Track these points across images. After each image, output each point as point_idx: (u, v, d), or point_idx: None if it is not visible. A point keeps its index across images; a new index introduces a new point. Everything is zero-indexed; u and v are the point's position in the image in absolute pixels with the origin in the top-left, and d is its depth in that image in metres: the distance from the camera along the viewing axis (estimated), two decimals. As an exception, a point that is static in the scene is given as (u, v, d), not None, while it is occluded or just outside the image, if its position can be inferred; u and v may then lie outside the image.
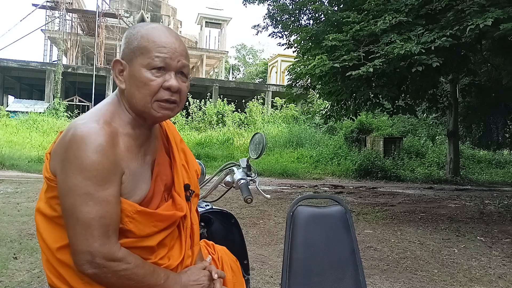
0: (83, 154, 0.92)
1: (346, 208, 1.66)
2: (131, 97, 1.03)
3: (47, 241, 1.02)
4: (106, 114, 1.02)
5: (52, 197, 1.01)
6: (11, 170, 10.27)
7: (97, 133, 0.94)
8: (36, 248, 3.59)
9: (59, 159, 0.97)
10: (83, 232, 0.92)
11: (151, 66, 1.00)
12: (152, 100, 1.02)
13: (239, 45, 50.09)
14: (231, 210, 2.15)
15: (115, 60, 1.05)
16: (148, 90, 1.01)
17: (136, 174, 1.03)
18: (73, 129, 0.96)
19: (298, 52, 9.33)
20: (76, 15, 26.12)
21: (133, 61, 1.02)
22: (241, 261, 1.56)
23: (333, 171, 13.44)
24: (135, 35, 1.03)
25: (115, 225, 0.96)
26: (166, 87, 1.01)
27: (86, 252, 0.93)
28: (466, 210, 7.06)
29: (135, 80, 1.01)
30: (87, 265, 0.93)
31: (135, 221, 1.00)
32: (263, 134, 1.63)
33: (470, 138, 16.16)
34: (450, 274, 3.54)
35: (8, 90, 26.69)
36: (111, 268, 0.94)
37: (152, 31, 1.03)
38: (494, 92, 11.58)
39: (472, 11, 5.29)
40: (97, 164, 0.92)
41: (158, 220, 1.05)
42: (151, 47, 1.01)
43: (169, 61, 1.01)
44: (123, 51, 1.05)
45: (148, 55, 1.00)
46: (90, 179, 0.92)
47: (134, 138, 1.05)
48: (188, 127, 19.60)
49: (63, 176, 0.95)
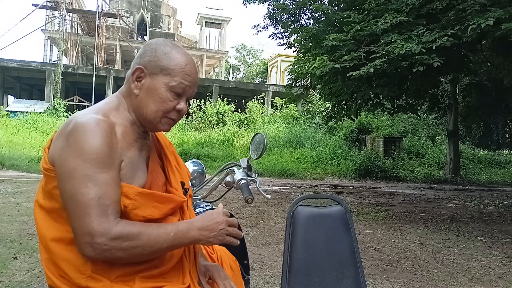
0: (83, 139, 0.95)
1: (346, 208, 1.65)
2: (143, 106, 1.09)
3: (43, 232, 1.04)
4: (105, 109, 1.07)
5: (52, 188, 1.02)
6: (11, 170, 10.27)
7: (96, 122, 0.98)
8: (36, 248, 3.59)
9: (58, 147, 0.99)
10: (82, 214, 0.93)
11: (173, 89, 1.08)
12: (163, 115, 1.10)
13: (239, 45, 50.13)
14: (231, 210, 2.15)
15: (138, 67, 1.09)
16: (164, 107, 1.09)
17: (134, 163, 1.07)
18: (74, 120, 1.00)
19: (298, 51, 9.33)
20: (76, 15, 26.13)
21: (157, 76, 1.08)
22: (241, 261, 1.56)
23: (333, 171, 13.44)
24: (166, 54, 1.09)
25: (115, 205, 0.97)
26: (178, 109, 1.11)
27: (86, 234, 0.93)
28: (466, 210, 7.06)
29: (154, 94, 1.08)
30: (88, 248, 0.93)
31: (137, 203, 1.02)
32: (263, 134, 1.63)
33: (470, 138, 16.15)
34: (450, 274, 3.54)
35: (8, 90, 26.68)
36: (113, 244, 0.94)
37: (182, 57, 1.11)
38: (494, 92, 11.58)
39: (473, 11, 5.28)
40: (97, 148, 0.95)
41: (158, 201, 1.07)
42: (178, 72, 1.09)
43: (188, 89, 1.11)
44: (148, 62, 1.09)
45: (174, 78, 1.08)
46: (89, 161, 0.95)
47: (131, 131, 1.09)
48: (188, 127, 19.61)
49: (62, 161, 0.97)
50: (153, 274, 1.05)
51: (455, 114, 12.74)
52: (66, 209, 0.97)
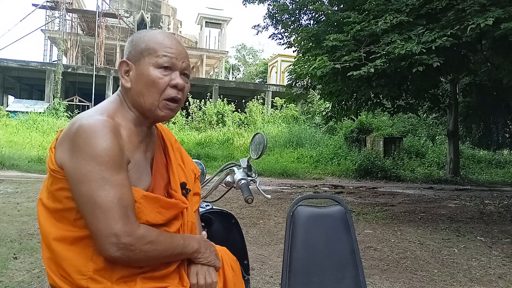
0: (94, 141, 0.95)
1: (346, 208, 1.65)
2: (139, 96, 1.09)
3: (46, 230, 1.04)
4: (109, 110, 1.07)
5: (57, 189, 1.02)
6: (11, 170, 10.27)
7: (103, 124, 0.98)
8: (36, 248, 3.59)
9: (66, 150, 0.99)
10: (104, 216, 0.94)
11: (159, 65, 1.07)
12: (160, 98, 1.08)
13: (239, 45, 50.14)
14: (231, 210, 2.15)
15: (122, 61, 1.10)
16: (157, 88, 1.07)
17: (139, 165, 1.08)
18: (79, 121, 0.99)
19: (298, 52, 9.33)
20: (76, 15, 26.12)
21: (141, 61, 1.08)
22: (241, 261, 1.56)
23: (333, 171, 13.44)
24: (142, 38, 1.11)
25: (132, 206, 0.99)
26: (173, 85, 1.09)
27: (111, 235, 0.94)
28: (466, 210, 7.06)
29: (143, 78, 1.08)
30: (114, 248, 0.95)
31: (142, 206, 1.03)
32: (263, 134, 1.63)
33: (470, 138, 16.16)
34: (450, 274, 3.54)
35: (8, 90, 26.68)
36: (137, 245, 0.97)
37: (158, 35, 1.12)
38: (494, 92, 11.58)
39: (472, 11, 5.28)
40: (109, 150, 0.96)
41: (162, 207, 1.08)
42: (158, 47, 1.08)
43: (175, 61, 1.09)
44: (129, 53, 1.11)
45: (155, 54, 1.08)
46: (103, 164, 0.95)
47: (136, 133, 1.09)
48: (188, 127, 19.60)
49: (74, 164, 0.96)
50: (154, 276, 1.06)
51: (455, 114, 12.73)
52: (80, 212, 0.98)
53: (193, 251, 1.12)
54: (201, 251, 1.14)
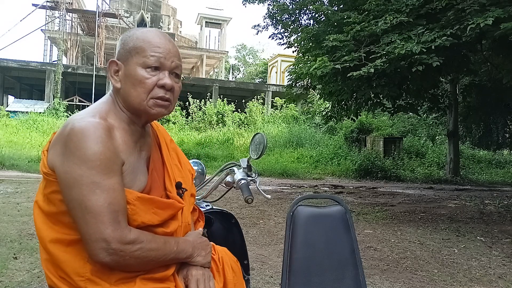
0: (85, 145, 0.94)
1: (346, 208, 1.65)
2: (127, 95, 1.07)
3: (42, 233, 1.03)
4: (102, 111, 1.05)
5: (51, 192, 1.02)
6: (11, 170, 10.27)
7: (95, 126, 0.97)
8: (36, 248, 3.59)
9: (57, 153, 0.98)
10: (94, 220, 0.93)
11: (146, 65, 1.05)
12: (148, 97, 1.06)
13: (239, 45, 50.15)
14: (231, 210, 2.15)
15: (111, 60, 1.09)
16: (144, 88, 1.05)
17: (134, 166, 1.06)
18: (71, 124, 0.98)
19: (298, 52, 9.33)
20: (76, 15, 26.10)
21: (129, 60, 1.06)
22: (241, 261, 1.55)
23: (333, 171, 13.44)
24: (131, 37, 1.09)
25: (123, 210, 0.98)
26: (161, 85, 1.06)
27: (100, 240, 0.93)
28: (466, 210, 7.06)
29: (131, 78, 1.06)
30: (103, 253, 0.94)
31: (137, 208, 1.02)
32: (263, 134, 1.63)
33: (470, 138, 16.16)
34: (450, 274, 3.54)
35: (8, 90, 26.68)
36: (127, 250, 0.96)
37: (147, 33, 1.09)
38: (494, 92, 11.57)
39: (472, 10, 5.29)
40: (100, 154, 0.94)
41: (158, 207, 1.07)
42: (146, 47, 1.06)
43: (164, 60, 1.07)
44: (118, 52, 1.09)
45: (143, 54, 1.05)
46: (94, 168, 0.94)
47: (130, 133, 1.08)
48: (188, 127, 19.60)
49: (65, 168, 0.96)
50: (154, 277, 1.06)
51: (455, 114, 12.73)
52: (71, 216, 0.97)
53: (186, 256, 1.11)
54: (194, 255, 1.12)
